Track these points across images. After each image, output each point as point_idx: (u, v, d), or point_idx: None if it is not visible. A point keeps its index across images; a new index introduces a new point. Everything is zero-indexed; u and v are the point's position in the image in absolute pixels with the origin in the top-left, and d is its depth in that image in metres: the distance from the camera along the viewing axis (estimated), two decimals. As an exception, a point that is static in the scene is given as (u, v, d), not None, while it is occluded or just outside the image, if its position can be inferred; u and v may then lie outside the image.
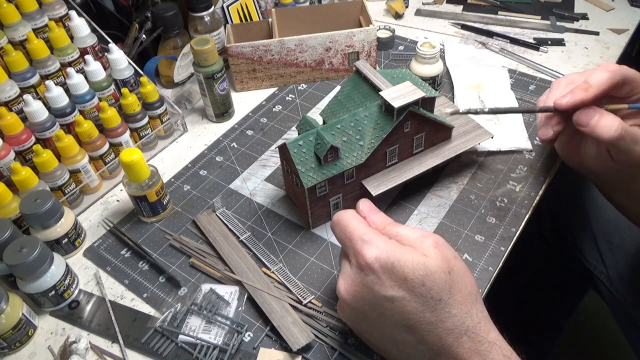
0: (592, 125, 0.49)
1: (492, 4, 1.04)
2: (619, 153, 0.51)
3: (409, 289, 0.40)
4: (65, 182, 0.63)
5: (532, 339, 0.98)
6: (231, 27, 0.85)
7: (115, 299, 0.57)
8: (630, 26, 0.95)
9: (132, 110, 0.70)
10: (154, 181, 0.61)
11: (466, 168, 0.68)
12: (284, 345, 0.50)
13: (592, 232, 0.78)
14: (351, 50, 0.83)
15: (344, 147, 0.57)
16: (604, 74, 0.50)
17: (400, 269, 0.41)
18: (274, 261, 0.58)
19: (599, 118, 0.49)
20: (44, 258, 0.52)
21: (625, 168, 0.53)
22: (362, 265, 0.42)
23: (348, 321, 0.47)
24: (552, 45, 0.91)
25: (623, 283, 0.74)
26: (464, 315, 0.41)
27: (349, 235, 0.44)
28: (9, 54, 0.64)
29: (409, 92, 0.56)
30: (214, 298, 0.54)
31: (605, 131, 0.49)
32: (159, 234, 0.63)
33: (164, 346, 0.52)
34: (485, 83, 0.81)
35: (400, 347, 0.43)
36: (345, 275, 0.44)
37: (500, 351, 0.41)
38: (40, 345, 0.54)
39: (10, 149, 0.61)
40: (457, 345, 0.40)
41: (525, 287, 0.98)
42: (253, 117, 0.80)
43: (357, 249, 0.43)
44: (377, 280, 0.41)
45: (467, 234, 0.60)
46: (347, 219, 0.45)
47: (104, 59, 0.75)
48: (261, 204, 0.66)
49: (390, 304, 0.41)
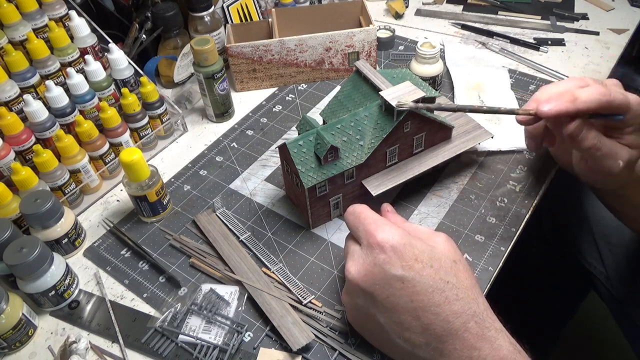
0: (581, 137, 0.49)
1: (492, 4, 1.04)
2: (594, 163, 0.52)
3: (418, 270, 0.42)
4: (65, 182, 0.63)
5: (532, 339, 0.99)
6: (231, 27, 0.85)
7: (115, 299, 0.57)
8: (630, 26, 0.95)
9: (132, 110, 0.70)
10: (154, 181, 0.61)
11: (466, 168, 0.68)
12: (284, 345, 0.50)
13: (592, 232, 0.78)
14: (351, 50, 0.83)
15: (344, 147, 0.57)
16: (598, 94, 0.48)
17: (411, 250, 0.43)
18: (274, 261, 0.58)
19: (586, 132, 0.49)
20: (44, 258, 0.52)
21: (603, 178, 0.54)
22: (372, 245, 0.43)
23: (353, 310, 0.47)
24: (552, 45, 0.91)
25: (623, 283, 0.74)
26: (471, 301, 0.42)
27: (363, 220, 0.46)
28: (9, 54, 0.64)
29: (409, 92, 0.56)
30: (214, 298, 0.54)
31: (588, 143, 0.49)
32: (159, 234, 0.63)
33: (164, 346, 0.52)
34: (486, 83, 0.81)
35: (405, 335, 0.43)
36: (356, 257, 0.45)
37: (507, 338, 0.42)
38: (40, 345, 0.54)
39: (10, 149, 0.61)
40: (464, 330, 0.41)
41: (525, 287, 0.98)
42: (253, 117, 0.80)
43: (369, 230, 0.44)
44: (387, 260, 0.42)
45: (467, 234, 0.60)
46: (362, 207, 0.47)
47: (104, 59, 0.75)
48: (261, 204, 0.66)
49: (400, 284, 0.42)
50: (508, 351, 0.41)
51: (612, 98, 0.48)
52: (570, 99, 0.48)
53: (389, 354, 0.47)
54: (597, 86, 0.49)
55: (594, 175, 0.55)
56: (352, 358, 0.49)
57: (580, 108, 0.48)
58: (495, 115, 0.74)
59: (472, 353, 0.40)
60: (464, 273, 0.44)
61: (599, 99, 0.48)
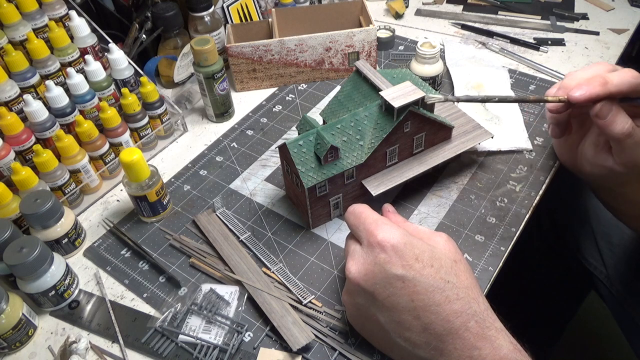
0: (610, 119, 0.49)
1: (492, 4, 1.04)
2: (621, 151, 0.51)
3: (418, 270, 0.42)
4: (65, 182, 0.63)
5: (532, 338, 0.99)
6: (231, 27, 0.85)
7: (115, 299, 0.57)
8: (630, 26, 0.95)
9: (132, 110, 0.70)
10: (154, 181, 0.61)
11: (466, 168, 0.68)
12: (284, 345, 0.50)
13: (592, 231, 0.78)
14: (351, 50, 0.83)
15: (344, 147, 0.57)
16: (630, 77, 0.48)
17: (411, 250, 0.42)
18: (274, 261, 0.58)
19: (616, 112, 0.49)
20: (44, 258, 0.52)
21: (622, 170, 0.53)
22: (373, 244, 0.43)
23: (353, 310, 0.47)
24: (552, 45, 0.91)
25: (623, 283, 0.74)
26: (471, 301, 0.42)
27: (363, 219, 0.46)
28: (9, 54, 0.64)
29: (409, 92, 0.56)
30: (214, 298, 0.54)
31: (619, 127, 0.48)
32: (159, 234, 0.63)
33: (164, 346, 0.52)
34: (486, 83, 0.81)
35: (405, 335, 0.43)
36: (356, 256, 0.45)
37: (508, 338, 0.42)
38: (40, 345, 0.54)
39: (10, 149, 0.61)
40: (465, 329, 0.41)
41: (525, 287, 0.98)
42: (253, 117, 0.80)
43: (369, 229, 0.44)
44: (388, 259, 0.42)
45: (467, 234, 0.60)
46: (362, 207, 0.47)
47: (104, 59, 0.75)
48: (261, 204, 0.66)
49: (400, 283, 0.42)
50: (508, 350, 0.41)
51: None
52: (601, 83, 0.48)
53: (389, 353, 0.47)
54: (627, 69, 0.49)
55: (596, 169, 0.55)
56: (352, 358, 0.49)
57: (612, 91, 0.48)
58: (496, 115, 0.74)
59: (472, 352, 0.40)
60: (464, 273, 0.44)
61: (630, 81, 0.48)
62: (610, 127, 0.49)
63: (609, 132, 0.50)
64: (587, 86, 0.48)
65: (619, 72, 0.49)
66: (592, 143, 0.56)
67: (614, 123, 0.49)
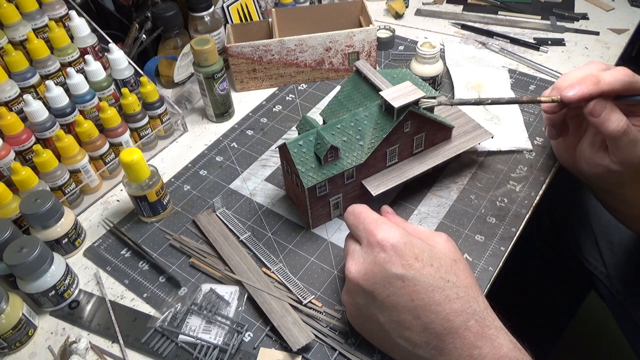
0: (604, 116, 0.49)
1: (492, 4, 1.04)
2: (617, 150, 0.51)
3: (418, 269, 0.42)
4: (65, 182, 0.63)
5: (532, 338, 0.99)
6: (231, 27, 0.85)
7: (115, 299, 0.57)
8: (630, 26, 0.95)
9: (132, 110, 0.70)
10: (154, 181, 0.61)
11: (466, 168, 0.68)
12: (284, 345, 0.50)
13: (592, 232, 0.78)
14: (351, 50, 0.83)
15: (344, 147, 0.57)
16: (623, 75, 0.48)
17: (411, 249, 0.43)
18: (274, 261, 0.58)
19: (610, 110, 0.49)
20: (44, 258, 0.52)
21: (619, 168, 0.53)
22: (373, 244, 0.43)
23: (353, 310, 0.47)
24: (552, 45, 0.91)
25: (624, 283, 0.74)
26: (471, 300, 0.42)
27: (363, 219, 0.46)
28: (9, 54, 0.64)
29: (409, 92, 0.56)
30: (214, 298, 0.54)
31: (614, 125, 0.48)
32: (159, 234, 0.63)
33: (164, 346, 0.52)
34: (486, 83, 0.81)
35: (405, 334, 0.43)
36: (356, 256, 0.45)
37: (508, 337, 0.42)
38: (40, 345, 0.54)
39: (10, 149, 0.61)
40: (465, 328, 0.41)
41: (525, 287, 0.98)
42: (253, 117, 0.80)
43: (369, 229, 0.44)
44: (388, 259, 0.42)
45: (467, 234, 0.60)
46: (362, 207, 0.47)
47: (104, 59, 0.75)
48: (261, 204, 0.66)
49: (400, 283, 0.42)
50: (508, 349, 0.41)
51: (636, 79, 0.48)
52: (594, 82, 0.48)
53: (389, 353, 0.47)
54: (620, 68, 0.49)
55: (594, 169, 0.55)
56: (352, 358, 0.49)
57: (605, 89, 0.47)
58: (496, 115, 0.74)
59: (472, 351, 0.40)
60: (463, 272, 0.44)
61: (623, 80, 0.48)
62: (605, 125, 0.49)
63: (604, 129, 0.50)
64: (580, 85, 0.48)
65: (612, 71, 0.49)
66: (589, 143, 0.56)
67: (609, 121, 0.49)
